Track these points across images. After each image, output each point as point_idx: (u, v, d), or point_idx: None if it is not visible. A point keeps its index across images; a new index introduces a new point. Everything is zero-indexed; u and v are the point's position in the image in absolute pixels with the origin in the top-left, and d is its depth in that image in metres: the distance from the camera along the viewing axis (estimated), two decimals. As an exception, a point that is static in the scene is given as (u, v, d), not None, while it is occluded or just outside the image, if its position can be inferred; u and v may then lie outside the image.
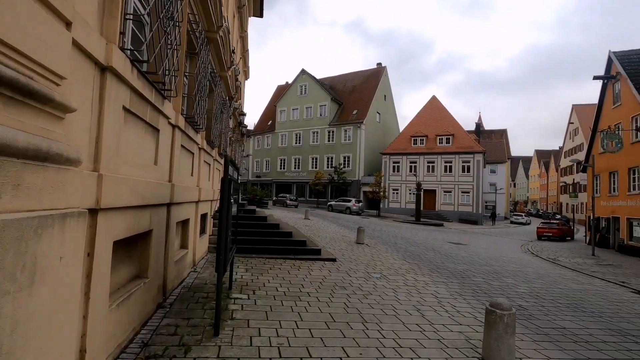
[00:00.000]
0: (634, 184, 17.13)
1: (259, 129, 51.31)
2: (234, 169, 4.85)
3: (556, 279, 9.87)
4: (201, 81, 5.76)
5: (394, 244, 14.11)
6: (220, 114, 9.22)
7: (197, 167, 6.88)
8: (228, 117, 11.80)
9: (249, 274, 6.91)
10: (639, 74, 16.99)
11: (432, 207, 36.85)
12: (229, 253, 4.57)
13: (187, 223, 6.25)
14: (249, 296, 5.41)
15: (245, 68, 20.57)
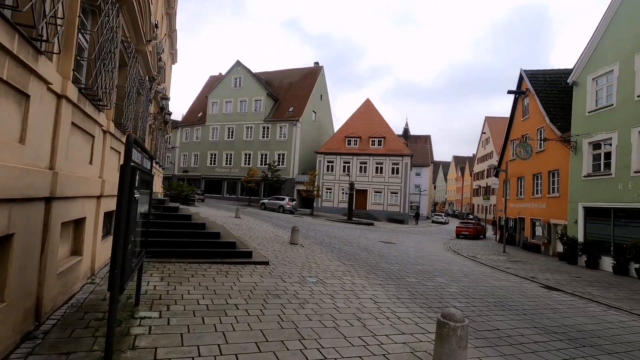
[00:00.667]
0: (537, 188, 19.31)
1: (188, 120, 47.80)
2: (144, 154, 3.83)
3: (479, 276, 10.38)
4: (104, 44, 4.57)
5: (329, 244, 13.79)
6: (136, 94, 7.82)
7: (99, 153, 5.57)
8: (148, 101, 10.26)
9: (165, 283, 5.81)
10: (544, 91, 19.21)
11: (364, 206, 37.90)
12: (133, 262, 3.57)
13: (82, 223, 4.96)
14: (161, 314, 4.40)
15: (173, 50, 18.60)
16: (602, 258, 13.17)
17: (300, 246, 11.82)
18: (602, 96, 13.98)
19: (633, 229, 12.12)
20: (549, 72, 20.46)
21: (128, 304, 4.56)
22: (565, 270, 12.84)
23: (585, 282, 10.74)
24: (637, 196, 11.88)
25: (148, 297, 4.99)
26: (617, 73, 13.22)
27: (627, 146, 12.50)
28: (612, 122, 13.18)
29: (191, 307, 4.78)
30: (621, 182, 12.59)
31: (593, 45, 14.47)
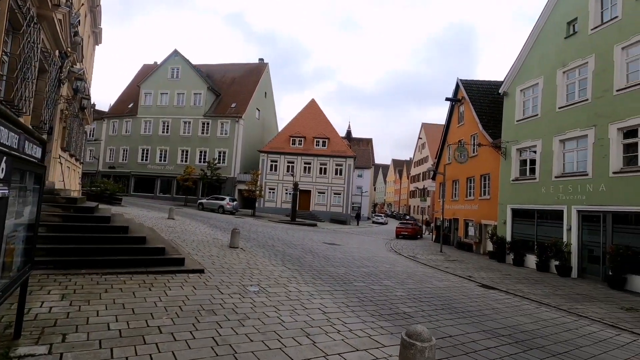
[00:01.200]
0: (470, 191, 20.55)
1: (117, 111, 43.32)
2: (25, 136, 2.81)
3: (422, 277, 10.45)
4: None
5: (272, 246, 13.03)
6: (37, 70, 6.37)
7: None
8: (57, 80, 8.60)
9: (66, 302, 4.65)
10: (478, 100, 20.54)
11: (307, 207, 37.57)
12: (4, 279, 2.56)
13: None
14: (51, 348, 3.36)
15: (96, 29, 16.35)
16: (527, 256, 14.25)
17: (241, 250, 10.91)
18: (529, 107, 15.18)
19: (553, 229, 13.24)
20: (482, 83, 21.96)
21: (4, 337, 3.43)
22: (496, 268, 13.62)
23: (515, 280, 11.40)
24: (557, 199, 13.00)
25: (37, 324, 3.86)
26: (541, 86, 14.42)
27: (549, 153, 13.65)
28: (537, 131, 14.34)
29: (98, 334, 3.78)
30: (544, 186, 13.72)
31: (521, 60, 15.67)
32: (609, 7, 12.07)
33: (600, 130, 11.67)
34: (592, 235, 11.87)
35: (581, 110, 12.48)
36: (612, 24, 11.73)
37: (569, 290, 10.18)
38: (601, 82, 11.83)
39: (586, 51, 12.54)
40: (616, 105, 11.25)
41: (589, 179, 11.89)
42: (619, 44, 11.39)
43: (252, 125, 41.60)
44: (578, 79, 12.89)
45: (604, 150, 11.45)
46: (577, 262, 12.17)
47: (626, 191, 10.69)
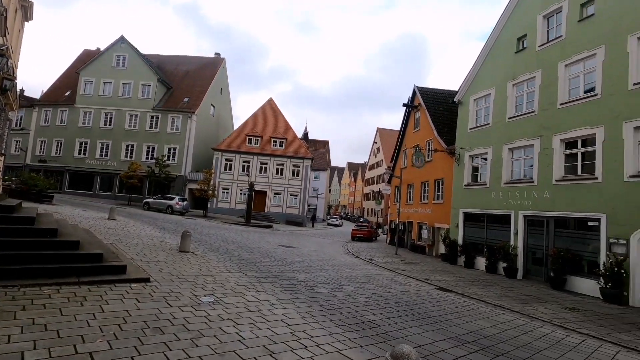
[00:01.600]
0: (424, 195, 21.19)
1: (50, 99, 39.01)
2: None
3: (383, 281, 10.35)
4: None
5: (226, 250, 12.24)
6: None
7: None
8: (-29, 54, 7.21)
9: (-33, 326, 3.71)
10: (433, 107, 21.28)
11: (262, 208, 36.62)
12: None
13: None
14: None
15: (25, 2, 14.38)
16: (477, 258, 14.88)
17: (193, 254, 10.04)
18: (481, 116, 15.93)
19: (502, 233, 13.95)
20: (437, 91, 22.82)
21: None
22: (449, 271, 14.03)
23: (468, 282, 11.76)
24: (506, 204, 13.71)
25: None
26: (493, 96, 15.19)
27: (499, 161, 14.38)
28: (488, 139, 15.07)
29: (7, 368, 2.99)
30: (494, 191, 14.42)
31: (475, 70, 16.42)
32: (554, 27, 12.99)
33: (545, 141, 12.49)
34: (537, 239, 12.65)
35: (529, 121, 13.29)
36: (556, 42, 12.63)
37: (518, 291, 10.67)
38: (547, 95, 12.67)
39: (534, 66, 13.39)
40: (559, 117, 12.10)
41: (535, 186, 12.66)
42: (562, 61, 12.28)
43: (206, 121, 39.74)
44: (526, 92, 13.73)
45: (548, 159, 12.25)
46: (522, 264, 12.89)
47: (567, 198, 11.50)
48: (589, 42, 11.47)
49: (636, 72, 10.06)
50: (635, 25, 10.18)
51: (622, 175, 9.99)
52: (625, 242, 9.75)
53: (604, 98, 10.79)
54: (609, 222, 10.20)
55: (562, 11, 12.58)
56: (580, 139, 11.45)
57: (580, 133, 11.36)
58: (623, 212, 9.89)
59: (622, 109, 10.22)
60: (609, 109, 10.57)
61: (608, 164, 10.41)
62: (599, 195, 10.54)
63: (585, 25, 11.72)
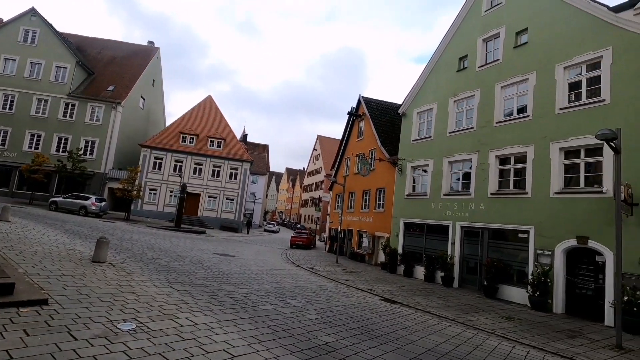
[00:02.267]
0: (366, 203, 21.37)
1: None
2: None
3: (329, 293, 9.81)
4: None
5: (153, 259, 10.67)
6: None
7: None
8: None
9: None
10: (377, 117, 21.70)
11: (195, 212, 34.05)
12: None
13: None
14: None
15: None
16: (416, 267, 15.18)
17: (110, 266, 8.44)
18: (424, 129, 16.49)
19: (440, 243, 14.41)
20: (381, 102, 23.38)
21: None
22: (390, 280, 14.05)
23: (410, 292, 11.78)
24: (445, 215, 14.21)
25: None
26: (435, 111, 15.82)
27: (439, 173, 14.92)
28: (430, 152, 15.60)
29: None
30: (434, 202, 14.90)
31: (419, 85, 17.02)
32: (492, 50, 13.93)
33: (482, 156, 13.21)
34: (472, 249, 13.24)
35: (468, 136, 13.99)
36: (494, 65, 13.53)
37: (457, 300, 10.92)
38: (484, 114, 13.47)
39: (473, 85, 14.19)
40: (495, 135, 12.90)
41: (472, 199, 13.29)
42: (499, 83, 13.17)
43: (134, 114, 35.95)
44: (466, 109, 14.48)
45: (485, 173, 12.96)
46: (458, 273, 13.38)
47: (500, 210, 12.22)
48: (522, 67, 12.44)
49: (562, 98, 11.08)
50: (562, 56, 11.24)
51: (549, 191, 10.85)
52: (550, 253, 10.54)
53: (534, 120, 11.71)
54: (536, 234, 10.99)
55: (500, 37, 13.55)
56: (513, 156, 12.28)
57: (513, 150, 12.19)
58: (549, 225, 10.71)
59: (550, 131, 11.15)
60: (539, 130, 11.48)
61: (537, 180, 11.25)
62: (528, 209, 11.32)
63: (519, 52, 12.71)
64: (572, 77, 11.06)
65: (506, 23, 13.38)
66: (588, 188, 10.04)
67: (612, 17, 10.16)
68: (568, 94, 11.08)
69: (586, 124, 10.26)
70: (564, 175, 10.77)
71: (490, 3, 14.35)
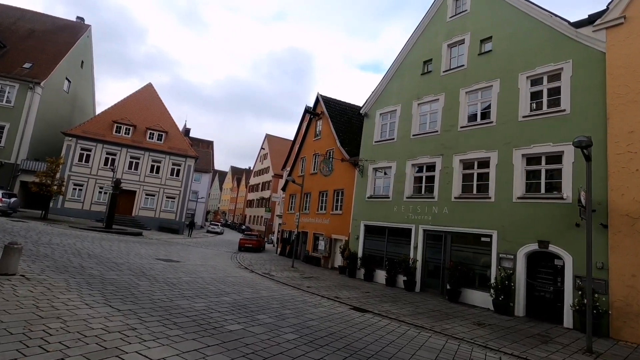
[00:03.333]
0: (322, 205, 20.68)
1: None
2: None
3: (296, 304, 8.84)
4: None
5: (80, 268, 8.77)
6: None
7: None
8: None
9: None
10: (336, 117, 21.17)
11: (129, 211, 30.58)
12: None
13: None
14: None
15: None
16: (377, 271, 14.81)
17: (23, 280, 6.58)
18: (386, 130, 16.27)
19: (402, 246, 14.20)
20: (339, 102, 22.92)
21: None
22: (352, 285, 13.45)
23: (377, 298, 11.26)
24: (407, 218, 14.03)
25: None
26: (399, 113, 15.66)
27: (402, 175, 14.75)
28: (393, 153, 15.39)
29: None
30: (396, 205, 14.67)
31: (383, 85, 16.79)
32: (457, 56, 14.10)
33: (446, 160, 13.24)
34: (435, 253, 13.18)
35: (431, 140, 13.98)
36: (459, 71, 13.69)
37: (424, 306, 10.62)
38: (449, 118, 13.54)
39: (438, 89, 14.24)
40: (459, 139, 12.99)
41: (435, 202, 13.25)
42: (463, 88, 13.32)
43: (57, 98, 31.28)
44: (430, 112, 14.49)
45: (449, 177, 12.99)
46: (420, 278, 13.24)
47: (464, 214, 12.28)
48: (486, 74, 12.69)
49: (525, 106, 11.42)
50: (525, 66, 11.61)
51: (512, 196, 11.08)
52: (513, 257, 10.74)
53: (498, 126, 11.96)
54: (499, 238, 11.15)
55: (465, 43, 13.75)
56: (476, 161, 12.44)
57: (477, 155, 12.34)
58: (511, 230, 10.92)
59: (513, 137, 11.42)
60: (502, 136, 11.73)
61: (500, 185, 11.46)
62: (491, 213, 11.48)
63: (484, 59, 12.97)
64: (534, 87, 11.46)
65: (471, 30, 13.62)
66: (549, 194, 10.39)
67: (572, 32, 10.67)
68: (530, 102, 11.45)
69: (547, 132, 10.63)
70: (526, 181, 11.08)
71: (455, 10, 14.54)
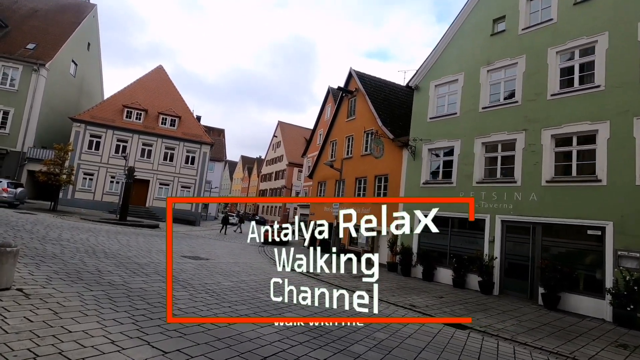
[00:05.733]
0: (360, 193, 18.47)
1: None
2: None
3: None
4: None
5: (97, 273, 6.72)
6: None
7: None
8: None
9: None
10: (373, 94, 18.76)
11: (142, 202, 28.74)
12: None
13: None
14: None
15: None
16: (438, 269, 12.65)
17: (20, 297, 4.49)
18: (444, 104, 13.88)
19: (471, 240, 12.00)
20: (374, 79, 20.47)
21: None
22: (414, 286, 11.32)
23: (459, 305, 9.09)
24: (479, 207, 11.76)
25: None
26: (461, 83, 13.26)
27: (469, 156, 12.43)
28: (455, 131, 13.05)
29: None
30: (462, 191, 12.40)
31: (438, 53, 14.34)
32: (540, 10, 11.59)
33: (531, 136, 10.88)
34: (517, 248, 10.95)
35: (509, 113, 11.60)
36: (546, 26, 11.20)
37: (525, 317, 8.42)
38: (533, 85, 11.13)
39: (515, 51, 11.79)
40: (550, 110, 10.60)
41: (517, 187, 10.95)
42: (553, 47, 10.86)
43: (63, 81, 29.26)
44: (505, 80, 12.07)
45: (536, 157, 10.64)
46: (499, 278, 11.03)
47: (559, 201, 9.98)
48: (586, 28, 10.22)
49: (649, 63, 8.97)
50: (647, 12, 9.12)
51: (634, 178, 8.74)
52: (639, 256, 8.45)
53: (608, 90, 9.55)
54: (616, 232, 8.86)
55: (552, -7, 11.23)
56: (576, 136, 10.06)
57: (577, 128, 9.97)
58: (635, 221, 8.60)
59: (632, 104, 9.02)
60: (615, 102, 9.34)
61: (614, 165, 9.12)
62: (603, 200, 9.17)
63: (581, 9, 10.48)
64: (661, 39, 9.00)
65: (560, -24, 11.07)
66: (692, 174, 8.04)
67: None
68: (657, 58, 9.00)
69: (687, 94, 8.22)
70: (654, 159, 8.72)
71: (535, -46, 11.97)
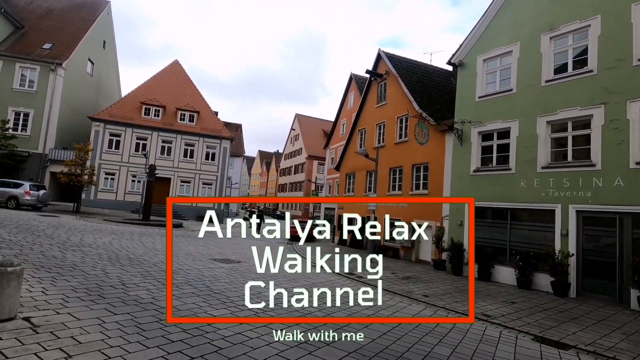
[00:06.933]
0: (395, 184, 17.07)
1: None
2: None
3: (453, 337, 5.41)
4: None
5: (123, 288, 5.65)
6: None
7: None
8: None
9: None
10: (406, 76, 17.22)
11: (164, 200, 28.15)
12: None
13: None
14: None
15: None
16: (496, 268, 11.19)
17: (25, 330, 3.39)
18: (496, 80, 12.26)
19: (537, 234, 10.49)
20: (405, 60, 18.87)
21: None
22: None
23: (540, 314, 7.67)
24: (546, 195, 10.20)
25: None
26: (516, 55, 11.60)
27: (530, 138, 10.84)
28: (511, 110, 11.44)
29: None
30: (523, 178, 10.84)
31: (485, 23, 12.67)
32: (616, -39, 9.78)
33: (612, 110, 9.21)
34: (600, 244, 9.39)
35: (581, 84, 9.93)
36: (626, -21, 9.40)
37: (627, 329, 6.95)
38: (612, 50, 9.42)
39: (586, 12, 10.05)
40: (636, 79, 8.89)
41: (597, 171, 9.33)
42: (637, 3, 9.09)
43: (81, 80, 28.85)
44: (573, 47, 10.36)
45: (620, 134, 8.99)
46: (576, 278, 9.49)
47: (654, 187, 8.34)
48: (684, -25, 8.40)
49: None
50: None
51: None
52: None
53: None
54: None
55: (634, -62, 9.39)
56: (674, 107, 8.36)
57: (676, 98, 8.25)
58: None
59: None
60: None
61: None
62: None
63: (677, -46, 8.65)
64: None
65: None
66: None
67: None
68: None
69: None
70: None
71: None
